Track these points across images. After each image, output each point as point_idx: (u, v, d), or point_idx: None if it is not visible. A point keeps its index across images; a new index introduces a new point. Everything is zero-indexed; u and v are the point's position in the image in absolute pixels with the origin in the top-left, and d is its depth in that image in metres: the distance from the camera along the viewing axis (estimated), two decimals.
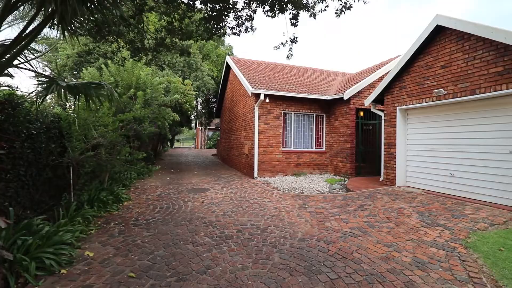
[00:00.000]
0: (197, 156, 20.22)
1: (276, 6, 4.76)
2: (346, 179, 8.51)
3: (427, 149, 6.16)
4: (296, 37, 5.47)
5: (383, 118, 7.37)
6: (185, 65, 13.93)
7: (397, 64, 6.68)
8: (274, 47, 5.59)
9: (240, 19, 5.29)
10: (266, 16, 5.04)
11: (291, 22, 5.12)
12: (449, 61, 5.49)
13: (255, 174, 8.80)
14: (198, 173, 10.28)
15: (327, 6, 4.96)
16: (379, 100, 7.62)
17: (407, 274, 2.67)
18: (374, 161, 9.18)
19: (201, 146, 33.89)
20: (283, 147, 9.43)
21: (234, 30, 5.53)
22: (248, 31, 5.59)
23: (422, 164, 6.26)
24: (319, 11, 5.00)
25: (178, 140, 52.89)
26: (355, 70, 13.03)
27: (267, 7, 4.87)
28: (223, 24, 5.11)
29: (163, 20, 5.91)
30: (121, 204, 5.38)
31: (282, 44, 5.51)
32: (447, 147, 5.69)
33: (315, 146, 10.03)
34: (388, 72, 7.14)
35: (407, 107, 6.57)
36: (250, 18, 5.33)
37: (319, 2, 4.89)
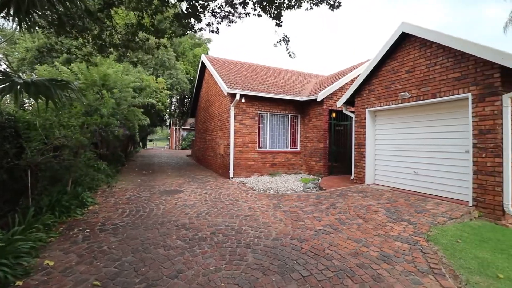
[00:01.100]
0: (170, 156, 19.63)
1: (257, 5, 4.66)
2: (319, 178, 8.75)
3: (393, 149, 6.53)
4: (288, 37, 5.39)
5: (353, 119, 7.69)
6: (158, 63, 13.42)
7: (366, 68, 7.01)
8: (274, 44, 5.41)
9: (218, 16, 5.18)
10: (246, 15, 4.97)
11: (275, 23, 5.09)
12: (413, 66, 5.87)
13: (231, 175, 8.74)
14: (172, 174, 9.98)
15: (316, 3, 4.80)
16: (350, 102, 7.94)
17: (374, 268, 2.79)
18: (346, 160, 9.54)
19: (175, 147, 32.97)
20: (258, 147, 9.47)
21: (211, 28, 5.41)
22: (231, 24, 5.45)
23: (389, 163, 6.62)
24: (306, 9, 4.91)
25: (151, 141, 51.00)
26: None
27: (248, 9, 4.79)
28: (200, 21, 4.97)
29: (133, 15, 5.64)
30: (86, 209, 5.05)
31: (277, 43, 5.39)
32: (411, 147, 6.07)
33: (290, 146, 10.20)
34: (358, 76, 7.46)
35: (376, 109, 6.91)
36: (229, 16, 5.23)
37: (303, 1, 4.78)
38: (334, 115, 9.71)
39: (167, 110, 16.46)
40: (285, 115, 10.13)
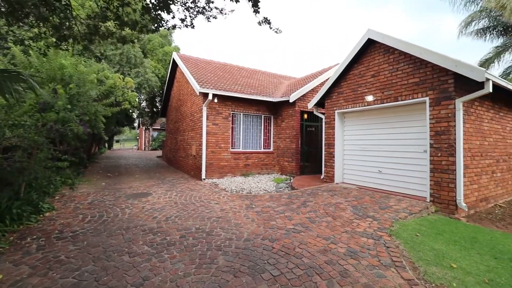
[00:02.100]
0: (139, 158, 18.76)
1: None
2: (291, 178, 8.91)
3: (360, 149, 6.85)
4: (269, 19, 5.27)
5: (324, 120, 7.94)
6: (124, 59, 12.68)
7: (335, 72, 7.28)
8: (258, 22, 5.25)
9: (192, 10, 5.01)
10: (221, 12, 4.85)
11: (253, 9, 4.99)
12: (378, 71, 6.21)
13: (203, 176, 8.56)
14: (140, 176, 9.52)
15: None
16: (320, 104, 8.20)
17: (341, 264, 2.88)
18: (317, 160, 9.83)
19: (144, 148, 31.59)
20: (231, 148, 9.40)
21: (186, 23, 5.22)
22: (210, 20, 5.28)
23: (357, 162, 6.94)
24: None
25: (118, 141, 48.42)
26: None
27: None
28: (169, 12, 4.75)
29: (96, 5, 5.26)
30: (42, 215, 4.61)
31: (259, 23, 5.26)
32: (376, 147, 6.42)
33: (263, 146, 10.27)
34: (328, 79, 7.72)
35: (344, 111, 7.21)
36: (204, 10, 5.08)
37: None
38: (305, 116, 9.95)
39: (135, 109, 15.60)
40: (259, 116, 10.17)
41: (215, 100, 8.71)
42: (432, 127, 5.02)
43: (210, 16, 5.11)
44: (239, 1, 4.68)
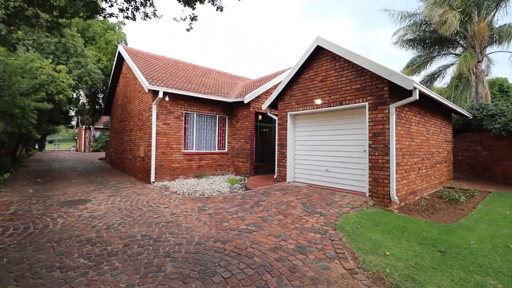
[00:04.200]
0: (78, 160, 16.81)
1: None
2: (246, 178, 8.96)
3: (310, 149, 7.23)
4: (196, 15, 5.28)
5: (277, 121, 8.18)
6: (60, 48, 11.19)
7: (288, 75, 7.57)
8: (174, 18, 5.19)
9: (133, 2, 4.65)
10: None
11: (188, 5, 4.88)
12: (326, 77, 6.64)
13: (152, 179, 8.04)
14: (78, 181, 8.50)
15: None
16: (274, 106, 8.43)
17: (290, 260, 2.98)
18: (271, 160, 10.07)
19: (85, 149, 28.42)
20: (184, 149, 9.04)
21: (126, 13, 4.82)
22: (149, 18, 4.98)
23: (307, 162, 7.31)
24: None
25: (51, 142, 42.72)
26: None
27: None
28: (109, 3, 4.36)
29: None
30: None
31: (182, 19, 5.19)
32: (324, 147, 6.85)
33: (218, 147, 10.12)
34: (281, 82, 7.98)
35: (296, 113, 7.53)
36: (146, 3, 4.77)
37: None
38: (260, 117, 10.12)
39: (72, 106, 13.82)
40: (213, 116, 9.99)
41: (166, 99, 8.27)
42: (370, 129, 5.56)
43: (146, 15, 4.89)
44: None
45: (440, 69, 15.46)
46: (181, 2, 4.76)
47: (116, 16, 4.71)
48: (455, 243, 3.49)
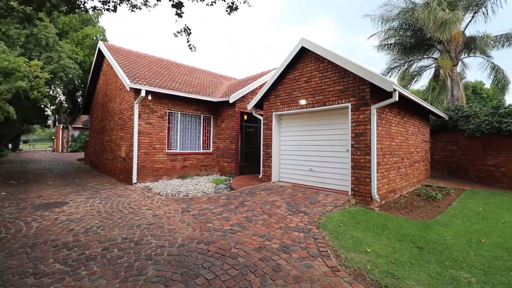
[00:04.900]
0: (55, 161, 16.06)
1: None
2: (231, 178, 8.91)
3: (295, 149, 7.30)
4: (190, 28, 5.23)
5: (262, 121, 8.19)
6: (32, 41, 10.54)
7: (273, 75, 7.60)
8: (174, 34, 5.17)
9: None
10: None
11: (175, 12, 4.81)
12: (310, 77, 6.72)
13: (134, 180, 7.81)
14: (54, 183, 8.12)
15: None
16: (259, 106, 8.44)
17: (274, 259, 2.99)
18: (256, 160, 10.08)
19: (62, 149, 27.22)
20: (168, 149, 8.85)
21: (107, 6, 4.64)
22: (136, 9, 4.83)
23: (291, 161, 7.37)
24: (208, 5, 4.91)
25: (26, 142, 40.60)
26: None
27: None
28: None
29: None
30: None
31: (178, 32, 5.13)
32: (308, 147, 6.93)
33: (203, 147, 9.99)
34: (266, 82, 8.00)
35: (281, 113, 7.58)
36: None
37: None
38: (245, 117, 10.10)
39: (48, 102, 13.08)
40: (198, 116, 9.86)
41: (149, 98, 8.07)
42: (353, 130, 5.69)
43: (134, 6, 4.75)
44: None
45: (416, 71, 16.26)
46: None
47: (99, 9, 4.54)
48: (432, 239, 3.64)
